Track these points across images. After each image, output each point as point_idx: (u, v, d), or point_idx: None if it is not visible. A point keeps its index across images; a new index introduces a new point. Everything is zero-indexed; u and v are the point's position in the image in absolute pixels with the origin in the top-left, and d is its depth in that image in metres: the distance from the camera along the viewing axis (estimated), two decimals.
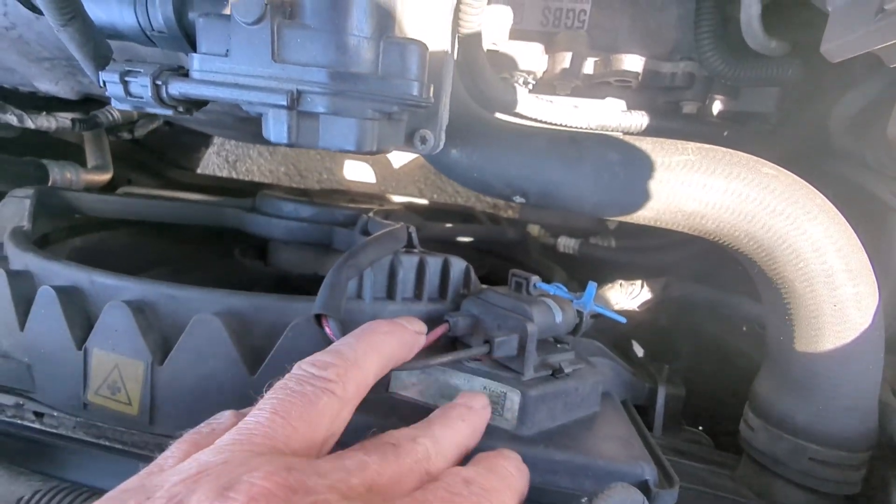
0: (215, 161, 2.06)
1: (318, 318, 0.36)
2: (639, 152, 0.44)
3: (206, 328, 0.40)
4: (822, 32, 0.40)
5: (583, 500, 0.25)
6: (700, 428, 0.62)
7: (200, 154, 1.53)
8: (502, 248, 1.03)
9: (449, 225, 0.94)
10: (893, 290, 0.50)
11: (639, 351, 0.70)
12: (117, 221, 0.75)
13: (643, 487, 0.36)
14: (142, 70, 0.33)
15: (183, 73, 0.33)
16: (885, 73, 0.51)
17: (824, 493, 0.41)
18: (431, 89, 0.39)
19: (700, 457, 0.49)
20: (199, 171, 1.52)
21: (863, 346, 0.39)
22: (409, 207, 1.07)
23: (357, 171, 1.85)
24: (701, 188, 0.42)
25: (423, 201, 1.17)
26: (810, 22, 0.49)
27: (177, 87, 0.32)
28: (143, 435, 0.41)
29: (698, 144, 0.44)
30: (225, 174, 2.04)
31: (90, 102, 0.77)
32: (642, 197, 0.43)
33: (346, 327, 0.36)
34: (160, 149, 1.26)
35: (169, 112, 0.34)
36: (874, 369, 0.39)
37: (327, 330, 0.35)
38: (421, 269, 0.47)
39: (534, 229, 1.12)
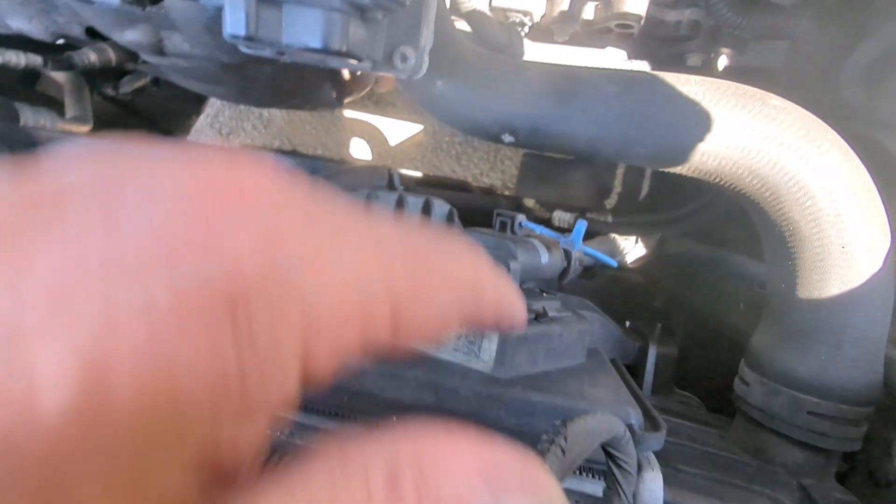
0: (209, 133, 2.02)
1: None
2: (637, 84, 0.41)
3: None
4: None
5: (556, 422, 0.23)
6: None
7: (191, 122, 1.50)
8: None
9: (439, 192, 0.91)
10: None
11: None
12: None
13: (628, 429, 0.33)
14: None
15: None
16: None
17: (822, 449, 0.38)
18: None
19: (690, 416, 0.46)
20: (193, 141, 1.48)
21: (871, 292, 0.36)
22: (402, 178, 1.03)
23: (353, 147, 1.82)
24: (703, 121, 0.39)
25: (417, 173, 1.14)
26: None
27: None
28: None
29: (702, 77, 0.40)
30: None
31: (67, 48, 0.74)
32: (638, 132, 0.40)
33: None
34: (149, 115, 1.22)
35: None
36: (882, 318, 0.36)
37: None
38: (399, 207, 0.44)
39: (529, 203, 1.09)
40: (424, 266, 0.12)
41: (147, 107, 1.20)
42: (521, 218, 0.42)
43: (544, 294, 0.44)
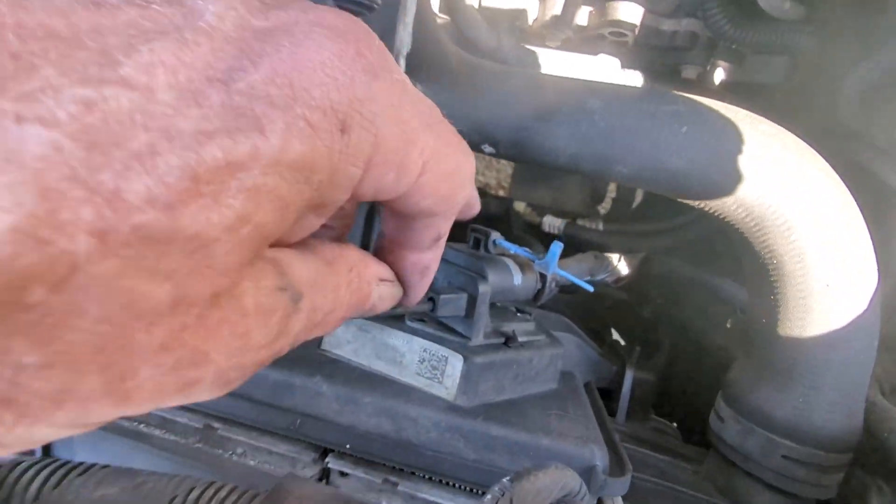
0: None
1: None
2: (622, 100, 0.39)
3: None
4: None
5: (504, 480, 0.21)
6: (675, 424, 0.58)
7: None
8: (483, 222, 0.98)
9: None
10: (895, 284, 0.45)
11: (619, 341, 0.66)
12: None
13: (590, 473, 0.31)
14: None
15: None
16: None
17: (793, 495, 0.37)
18: None
19: (663, 447, 0.44)
20: None
21: (854, 333, 0.34)
22: None
23: None
24: (688, 144, 0.36)
25: None
26: None
27: None
28: None
29: (690, 96, 0.38)
30: None
31: None
32: (622, 150, 0.38)
33: None
34: None
35: None
36: (865, 361, 0.35)
37: None
38: (370, 218, 0.42)
39: (519, 206, 1.07)
40: (447, 153, 0.16)
41: None
42: (495, 236, 0.40)
43: (518, 314, 0.42)
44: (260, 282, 0.12)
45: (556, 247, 0.38)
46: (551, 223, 0.96)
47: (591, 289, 0.39)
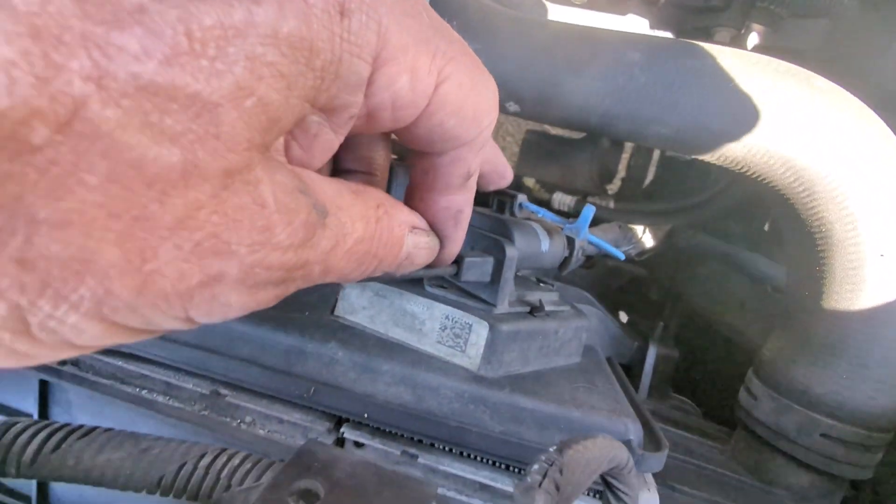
0: None
1: None
2: (664, 53, 0.36)
3: None
4: None
5: (551, 449, 0.19)
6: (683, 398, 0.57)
7: None
8: (491, 197, 0.96)
9: None
10: None
11: (625, 320, 0.64)
12: None
13: (627, 448, 0.29)
14: None
15: None
16: None
17: (830, 475, 0.35)
18: None
19: (687, 425, 0.43)
20: None
21: None
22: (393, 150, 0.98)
23: None
24: (736, 101, 0.34)
25: None
26: None
27: None
28: None
29: (737, 49, 0.35)
30: None
31: None
32: (661, 108, 0.35)
33: None
34: None
35: None
36: None
37: None
38: (390, 177, 0.40)
39: (529, 182, 1.05)
40: (466, 64, 0.16)
41: None
42: (521, 198, 0.37)
43: (542, 284, 0.40)
44: (275, 175, 0.12)
45: (589, 210, 0.35)
46: (561, 200, 0.94)
47: (622, 256, 0.37)
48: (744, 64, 0.34)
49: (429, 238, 0.20)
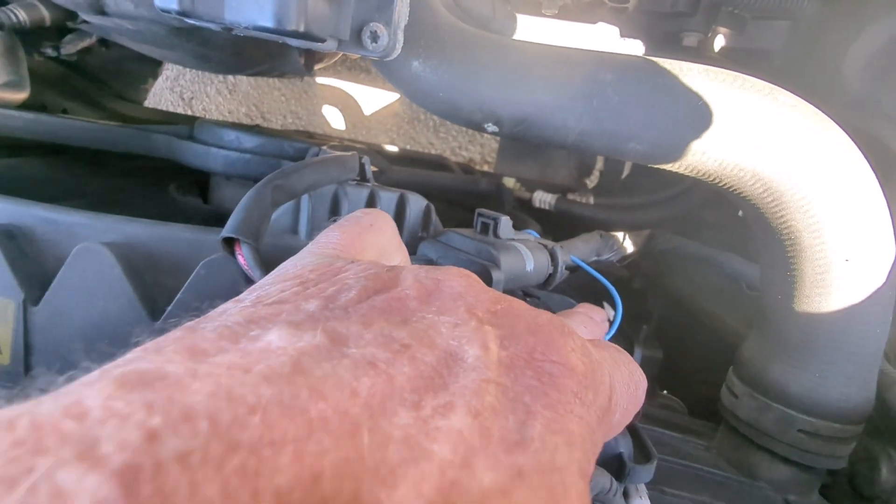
0: (169, 98, 1.88)
1: (231, 244, 0.28)
2: (636, 72, 0.37)
3: (94, 260, 0.32)
4: None
5: None
6: (664, 391, 0.59)
7: (148, 85, 1.38)
8: (474, 201, 0.96)
9: (416, 171, 0.86)
10: None
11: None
12: (30, 145, 0.64)
13: (617, 461, 0.31)
14: None
15: None
16: None
17: (808, 467, 0.37)
18: None
19: (674, 424, 0.45)
20: (150, 107, 1.37)
21: (872, 306, 0.34)
22: (377, 151, 0.98)
23: (325, 117, 1.72)
24: (706, 117, 0.35)
25: (393, 147, 1.08)
26: None
27: None
28: (16, 389, 0.33)
29: (705, 66, 0.36)
30: (180, 112, 1.87)
31: None
32: (635, 126, 0.37)
33: (269, 265, 0.28)
34: (100, 77, 1.11)
35: None
36: (881, 333, 0.35)
37: (240, 258, 0.28)
38: (371, 204, 0.40)
39: (509, 182, 1.06)
40: None
41: (97, 68, 1.09)
42: (504, 220, 0.38)
43: (527, 298, 0.41)
44: None
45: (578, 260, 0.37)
46: (542, 198, 0.95)
47: (607, 283, 0.39)
48: (711, 81, 0.35)
49: None
